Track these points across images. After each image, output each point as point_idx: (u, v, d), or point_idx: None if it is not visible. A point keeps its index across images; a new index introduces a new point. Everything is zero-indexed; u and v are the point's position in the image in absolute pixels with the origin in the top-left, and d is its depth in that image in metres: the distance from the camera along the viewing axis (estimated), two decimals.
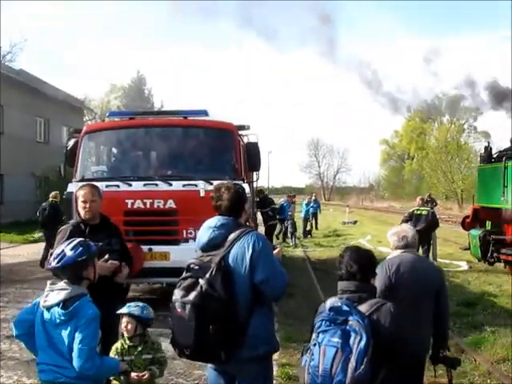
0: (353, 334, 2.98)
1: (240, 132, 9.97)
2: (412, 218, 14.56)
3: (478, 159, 17.29)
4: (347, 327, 3.02)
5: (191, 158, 9.45)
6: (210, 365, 3.81)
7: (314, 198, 29.84)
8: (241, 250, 3.61)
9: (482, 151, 16.37)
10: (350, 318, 3.05)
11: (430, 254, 14.95)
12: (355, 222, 32.99)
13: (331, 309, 3.13)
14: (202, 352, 3.51)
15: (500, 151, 15.30)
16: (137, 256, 8.16)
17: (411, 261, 4.51)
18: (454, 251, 18.20)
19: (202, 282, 3.47)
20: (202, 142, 9.51)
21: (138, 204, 8.96)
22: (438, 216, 15.36)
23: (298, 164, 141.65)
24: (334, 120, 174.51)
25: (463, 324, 8.82)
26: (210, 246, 3.69)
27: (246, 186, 9.80)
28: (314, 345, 3.05)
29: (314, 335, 3.12)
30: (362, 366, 2.90)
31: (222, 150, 9.64)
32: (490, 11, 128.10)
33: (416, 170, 74.94)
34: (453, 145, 60.56)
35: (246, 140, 10.67)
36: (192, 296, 3.46)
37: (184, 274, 3.62)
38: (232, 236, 3.66)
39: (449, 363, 4.54)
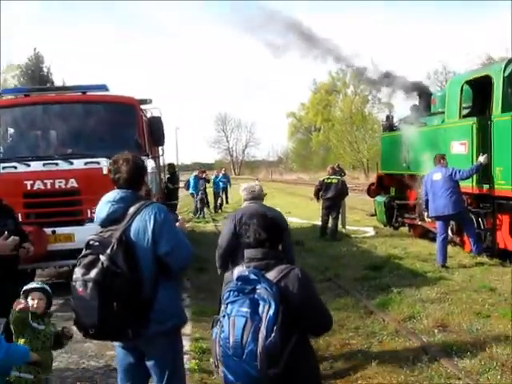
0: (261, 303, 2.92)
1: (142, 106, 9.72)
2: (323, 187, 14.80)
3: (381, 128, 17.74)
4: (255, 296, 2.96)
5: (92, 134, 9.13)
6: (117, 343, 3.69)
7: (223, 172, 29.88)
8: (142, 223, 3.50)
9: (384, 120, 16.85)
10: (258, 286, 2.98)
11: (340, 222, 15.27)
12: (264, 195, 33.06)
13: (238, 278, 3.06)
14: (107, 330, 3.39)
15: (400, 119, 15.79)
16: (39, 240, 7.85)
17: (255, 208, 5.26)
18: (361, 218, 18.74)
19: (102, 258, 3.33)
20: (103, 117, 9.20)
21: (38, 185, 8.61)
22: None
23: (206, 140, 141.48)
24: (240, 94, 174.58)
25: (371, 287, 9.07)
26: (109, 221, 3.55)
27: (150, 161, 9.64)
28: (224, 316, 2.97)
29: (222, 307, 3.05)
30: (273, 334, 2.86)
31: (123, 125, 9.35)
32: None
33: (323, 142, 76.46)
34: (357, 116, 62.15)
35: (149, 115, 10.45)
36: (93, 273, 3.31)
37: (84, 252, 3.46)
38: (132, 209, 3.54)
39: None
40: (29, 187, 8.59)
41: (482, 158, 10.26)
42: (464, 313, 7.40)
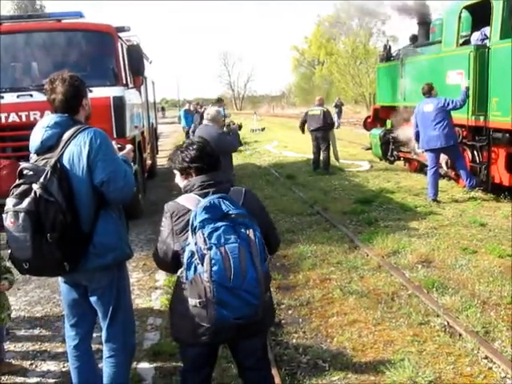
0: (242, 227, 2.73)
1: (121, 34, 9.24)
2: (307, 120, 14.49)
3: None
4: (233, 221, 2.73)
5: (68, 64, 8.61)
6: (60, 278, 3.48)
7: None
8: (77, 149, 3.20)
9: (382, 51, 16.26)
10: (232, 211, 2.75)
11: (332, 155, 14.92)
12: (263, 129, 32.81)
13: (207, 207, 2.75)
14: (42, 265, 3.14)
15: (399, 49, 15.23)
16: (15, 173, 7.60)
17: (210, 128, 7.17)
18: (358, 152, 18.40)
19: (35, 187, 3.06)
20: (79, 46, 8.74)
21: (13, 117, 8.34)
22: (335, 116, 15.19)
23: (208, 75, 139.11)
24: (244, 28, 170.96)
25: (359, 221, 8.88)
26: (44, 148, 3.26)
27: (129, 92, 9.27)
28: (210, 248, 2.63)
29: (200, 239, 2.69)
30: (268, 256, 2.80)
31: (100, 54, 8.88)
32: None
33: (326, 76, 75.14)
34: (360, 49, 60.78)
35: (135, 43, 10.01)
36: (25, 203, 3.04)
37: (17, 181, 3.19)
38: (67, 135, 3.23)
39: None
40: (3, 120, 8.34)
41: (464, 83, 9.93)
42: (450, 248, 7.22)
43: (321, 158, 14.51)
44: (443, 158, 11.20)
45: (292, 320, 5.30)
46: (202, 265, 2.63)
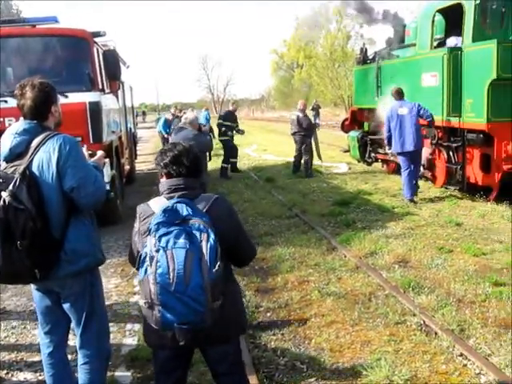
0: (197, 233, 2.71)
1: (96, 39, 9.21)
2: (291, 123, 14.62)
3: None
4: (189, 227, 2.73)
5: (43, 69, 8.54)
6: (33, 285, 3.47)
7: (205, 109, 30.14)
8: (46, 156, 3.19)
9: (358, 53, 16.38)
10: (190, 216, 2.76)
11: (316, 157, 14.99)
12: (243, 132, 32.78)
13: (166, 210, 2.78)
14: (13, 272, 3.13)
15: (375, 52, 15.36)
16: None
17: (186, 131, 7.75)
18: (337, 154, 18.51)
19: (4, 194, 3.04)
20: (54, 51, 8.66)
21: None
22: (313, 119, 15.14)
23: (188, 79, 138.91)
24: (223, 31, 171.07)
25: (336, 223, 8.94)
26: (13, 156, 3.24)
27: (106, 98, 9.24)
28: (157, 251, 2.68)
29: (152, 241, 2.75)
30: (218, 263, 2.70)
31: (76, 59, 8.79)
32: None
33: (305, 79, 75.38)
34: (339, 52, 61.06)
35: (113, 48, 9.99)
36: None
37: None
38: (36, 141, 3.22)
39: None
40: None
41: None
42: (427, 248, 7.30)
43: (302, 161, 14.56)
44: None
45: (270, 322, 5.32)
46: (151, 266, 2.67)
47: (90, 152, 3.62)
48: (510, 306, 5.32)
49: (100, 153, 3.72)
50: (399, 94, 10.39)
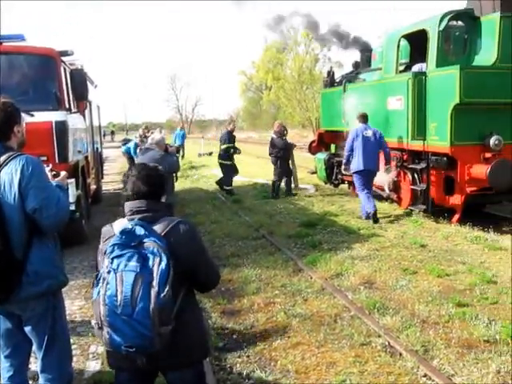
0: (151, 256, 2.70)
1: (64, 58, 9.15)
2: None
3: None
4: (144, 250, 2.73)
5: (8, 88, 8.46)
6: None
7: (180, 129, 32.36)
8: (8, 177, 3.15)
9: (326, 77, 16.60)
10: (146, 239, 2.75)
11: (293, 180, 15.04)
12: (210, 154, 32.90)
13: (123, 232, 2.79)
14: None
15: (342, 75, 15.60)
16: None
17: (153, 151, 7.73)
18: (304, 176, 18.55)
19: None
20: (21, 70, 8.56)
21: None
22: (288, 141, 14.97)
23: (156, 99, 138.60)
24: (192, 52, 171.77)
25: (303, 244, 8.96)
26: None
27: (72, 117, 9.18)
28: (109, 272, 2.70)
29: (106, 262, 2.76)
30: (166, 289, 2.66)
31: (43, 78, 8.70)
32: None
33: (273, 100, 75.91)
34: (307, 74, 61.72)
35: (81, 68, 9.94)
36: None
37: None
38: None
39: None
40: None
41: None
42: (392, 269, 7.37)
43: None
44: (386, 180, 11.52)
45: (236, 344, 5.30)
46: (102, 287, 2.71)
47: (53, 173, 3.59)
48: (473, 326, 5.40)
49: (63, 173, 3.69)
50: (364, 118, 10.83)
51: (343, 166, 11.74)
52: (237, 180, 18.64)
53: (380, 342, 5.12)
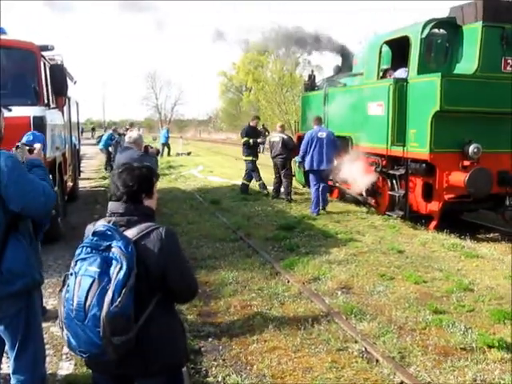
0: (114, 263, 2.60)
1: (44, 53, 9.01)
2: (271, 147, 14.37)
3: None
4: (110, 254, 2.62)
5: None
6: None
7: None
8: None
9: (307, 80, 16.61)
10: (114, 243, 2.65)
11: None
12: (189, 154, 32.84)
13: (95, 233, 2.70)
14: None
15: (323, 79, 15.62)
16: None
17: (131, 151, 7.33)
18: None
19: None
20: (0, 63, 8.45)
21: None
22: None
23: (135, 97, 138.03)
24: (172, 52, 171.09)
25: (280, 247, 8.93)
26: None
27: (51, 113, 9.04)
28: (71, 274, 2.64)
29: (72, 263, 2.70)
30: (119, 299, 2.54)
31: (22, 72, 8.55)
32: None
33: (253, 102, 75.93)
34: (287, 77, 61.85)
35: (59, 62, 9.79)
36: None
37: None
38: None
39: None
40: None
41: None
42: (369, 275, 7.36)
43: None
44: (364, 186, 11.57)
45: (212, 348, 5.24)
46: (64, 289, 2.67)
47: (27, 148, 3.51)
48: (450, 333, 5.41)
49: (38, 146, 3.60)
50: (319, 121, 12.07)
51: (297, 164, 12.76)
52: (215, 181, 18.63)
53: (357, 348, 5.11)
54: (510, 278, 7.26)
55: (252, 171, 14.84)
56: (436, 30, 10.60)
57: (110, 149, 21.86)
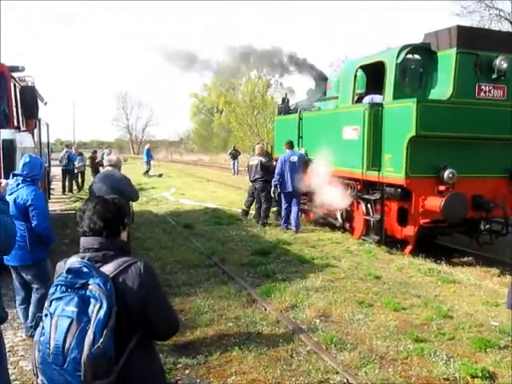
0: (92, 301, 2.43)
1: (14, 74, 8.80)
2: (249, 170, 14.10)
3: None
4: (87, 293, 2.45)
5: None
6: None
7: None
8: None
9: (280, 103, 16.61)
10: (91, 281, 2.48)
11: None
12: (160, 175, 32.56)
13: (69, 270, 2.53)
14: None
15: (296, 103, 15.63)
16: None
17: (108, 172, 7.50)
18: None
19: None
20: None
21: None
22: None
23: (106, 118, 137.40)
24: (143, 73, 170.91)
25: (256, 273, 8.77)
26: None
27: (21, 135, 8.82)
28: (46, 316, 2.45)
29: (46, 303, 2.51)
30: (101, 340, 2.37)
31: None
32: None
33: (224, 124, 76.03)
34: (258, 99, 62.11)
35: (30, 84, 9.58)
36: None
37: None
38: None
39: None
40: None
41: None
42: (347, 302, 7.26)
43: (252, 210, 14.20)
44: (339, 210, 11.53)
45: (189, 381, 5.06)
46: (40, 331, 2.49)
47: None
48: (432, 363, 5.31)
49: (3, 182, 3.46)
50: (290, 145, 12.72)
51: (272, 189, 12.92)
52: (187, 203, 18.43)
53: (338, 380, 4.99)
54: (488, 304, 7.23)
55: (250, 196, 14.51)
56: (411, 56, 10.67)
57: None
